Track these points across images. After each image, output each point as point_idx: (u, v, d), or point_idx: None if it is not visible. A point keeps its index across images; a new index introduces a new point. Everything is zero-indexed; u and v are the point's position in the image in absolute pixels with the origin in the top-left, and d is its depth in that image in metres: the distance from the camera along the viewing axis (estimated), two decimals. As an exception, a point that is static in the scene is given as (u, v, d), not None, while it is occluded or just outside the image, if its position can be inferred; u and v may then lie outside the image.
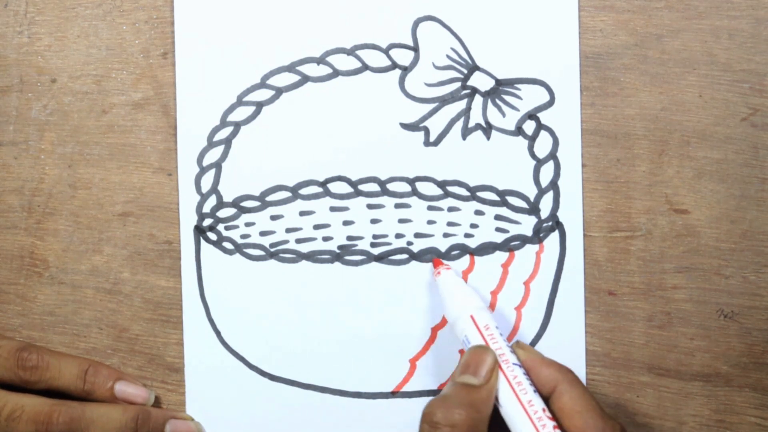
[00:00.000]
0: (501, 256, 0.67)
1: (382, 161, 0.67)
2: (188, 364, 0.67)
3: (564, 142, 0.66)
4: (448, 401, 0.58)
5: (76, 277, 0.68)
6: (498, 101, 0.66)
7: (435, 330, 0.67)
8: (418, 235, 0.67)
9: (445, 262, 0.66)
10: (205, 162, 0.67)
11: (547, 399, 0.60)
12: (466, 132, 0.67)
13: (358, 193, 0.67)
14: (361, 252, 0.66)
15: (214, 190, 0.67)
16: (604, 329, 0.67)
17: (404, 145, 0.67)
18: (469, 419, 0.57)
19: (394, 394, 0.67)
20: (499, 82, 0.66)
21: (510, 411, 0.59)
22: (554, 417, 0.59)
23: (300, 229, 0.67)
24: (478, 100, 0.66)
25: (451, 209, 0.67)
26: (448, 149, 0.67)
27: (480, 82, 0.66)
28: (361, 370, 0.67)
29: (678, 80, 0.66)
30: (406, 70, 0.67)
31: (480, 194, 0.66)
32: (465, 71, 0.66)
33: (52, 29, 0.67)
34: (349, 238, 0.67)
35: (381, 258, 0.66)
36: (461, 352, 0.66)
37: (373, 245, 0.66)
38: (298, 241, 0.67)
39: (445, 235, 0.67)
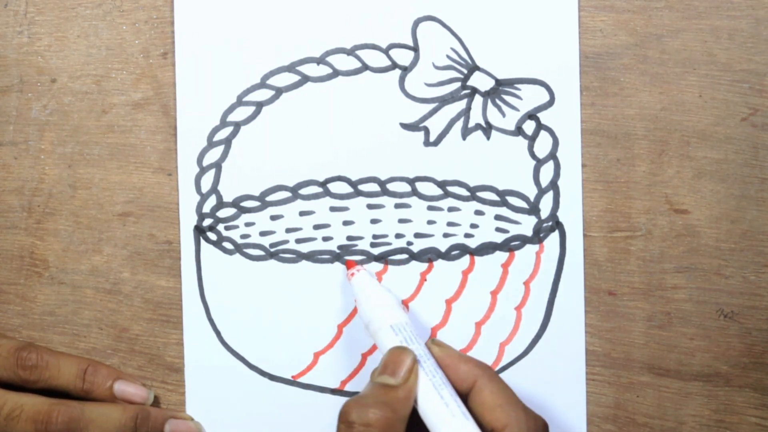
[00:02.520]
0: (501, 256, 0.67)
1: (382, 161, 0.67)
2: (188, 364, 0.67)
3: (564, 142, 0.66)
4: (363, 400, 0.56)
5: (76, 277, 0.68)
6: (498, 101, 0.66)
7: (435, 330, 0.67)
8: (418, 235, 0.66)
9: (358, 263, 0.66)
10: (205, 162, 0.67)
11: (466, 394, 0.59)
12: (466, 132, 0.67)
13: (358, 193, 0.67)
14: (361, 252, 0.66)
15: (214, 190, 0.67)
16: (603, 329, 0.67)
17: (404, 145, 0.67)
18: (384, 419, 0.56)
19: (394, 395, 0.67)
20: (499, 82, 0.66)
21: (427, 409, 0.58)
22: (475, 412, 0.58)
23: (300, 229, 0.67)
24: (478, 100, 0.66)
25: (451, 209, 0.67)
26: (448, 149, 0.67)
27: (480, 82, 0.66)
28: (361, 371, 0.67)
29: (678, 80, 0.66)
30: (406, 70, 0.67)
31: (480, 194, 0.66)
32: (465, 71, 0.66)
33: (52, 29, 0.67)
34: (349, 238, 0.67)
35: (381, 258, 0.66)
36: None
37: (373, 245, 0.66)
38: (298, 241, 0.67)
39: (445, 235, 0.66)
